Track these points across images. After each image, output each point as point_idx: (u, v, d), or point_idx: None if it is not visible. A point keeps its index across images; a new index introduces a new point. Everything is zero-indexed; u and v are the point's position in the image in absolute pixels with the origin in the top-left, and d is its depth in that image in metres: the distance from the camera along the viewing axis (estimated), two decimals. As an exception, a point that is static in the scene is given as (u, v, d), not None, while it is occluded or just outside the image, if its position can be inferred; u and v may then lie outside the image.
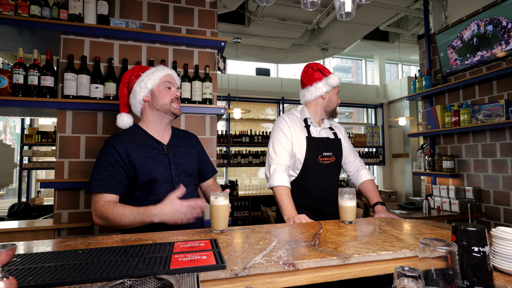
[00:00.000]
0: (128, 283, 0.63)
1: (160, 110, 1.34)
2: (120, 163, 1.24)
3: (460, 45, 3.13)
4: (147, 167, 1.26)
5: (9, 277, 0.54)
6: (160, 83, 1.35)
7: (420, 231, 1.11)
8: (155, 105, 1.34)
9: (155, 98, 1.34)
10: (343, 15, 1.39)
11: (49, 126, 5.14)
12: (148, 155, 1.29)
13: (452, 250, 0.60)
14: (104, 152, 1.25)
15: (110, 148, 1.25)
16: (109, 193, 1.21)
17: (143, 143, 1.31)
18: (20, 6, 1.85)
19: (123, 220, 1.14)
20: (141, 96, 1.33)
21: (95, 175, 1.22)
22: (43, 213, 4.27)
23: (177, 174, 1.34)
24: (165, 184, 1.29)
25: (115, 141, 1.26)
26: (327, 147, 1.64)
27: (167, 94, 1.35)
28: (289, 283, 0.78)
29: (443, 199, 3.26)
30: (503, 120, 2.70)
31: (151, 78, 1.34)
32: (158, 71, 1.36)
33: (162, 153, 1.33)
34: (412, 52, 6.59)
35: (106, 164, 1.23)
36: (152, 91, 1.34)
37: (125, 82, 1.39)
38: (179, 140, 1.44)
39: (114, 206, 1.16)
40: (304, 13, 4.70)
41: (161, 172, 1.29)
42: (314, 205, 1.61)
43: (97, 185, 1.20)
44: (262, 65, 6.73)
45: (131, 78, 1.38)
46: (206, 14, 2.32)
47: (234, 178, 5.89)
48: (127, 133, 1.32)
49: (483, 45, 2.90)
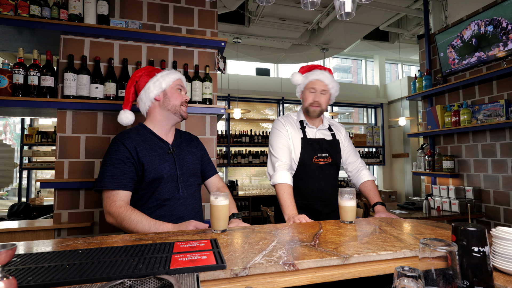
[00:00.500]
0: (128, 283, 0.63)
1: (170, 110, 1.38)
2: (130, 160, 1.26)
3: (460, 45, 3.13)
4: (155, 165, 1.29)
5: (9, 277, 0.54)
6: (173, 85, 1.40)
7: (420, 231, 1.11)
8: (166, 105, 1.38)
9: (167, 98, 1.38)
10: (343, 15, 1.39)
11: (49, 126, 5.14)
12: (155, 154, 1.32)
13: (452, 250, 0.60)
14: (114, 150, 1.27)
15: (120, 146, 1.27)
16: (122, 190, 1.23)
17: (149, 142, 1.34)
18: (20, 6, 1.85)
19: (137, 226, 1.17)
20: (154, 94, 1.36)
21: (106, 173, 1.23)
22: (43, 213, 4.28)
23: (181, 173, 1.37)
24: (170, 183, 1.32)
25: (124, 138, 1.28)
26: (323, 148, 1.64)
27: (179, 97, 1.40)
28: (289, 283, 0.78)
29: (443, 199, 3.26)
30: (503, 120, 2.70)
31: (166, 79, 1.38)
32: (172, 74, 1.41)
33: (168, 153, 1.36)
34: (412, 52, 6.59)
35: (117, 161, 1.25)
36: (165, 91, 1.38)
37: (134, 80, 1.42)
38: (182, 141, 1.48)
39: (132, 212, 1.19)
40: (304, 13, 4.70)
41: (167, 171, 1.32)
42: (308, 205, 1.62)
43: (110, 182, 1.22)
44: (262, 65, 6.73)
45: (142, 76, 1.40)
46: (206, 14, 2.32)
47: (234, 178, 5.89)
48: (134, 131, 1.35)
49: (483, 45, 2.90)
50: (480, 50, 2.93)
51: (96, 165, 1.98)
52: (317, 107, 1.62)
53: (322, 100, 1.62)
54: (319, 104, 1.62)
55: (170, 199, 1.32)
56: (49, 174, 5.20)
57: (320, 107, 1.62)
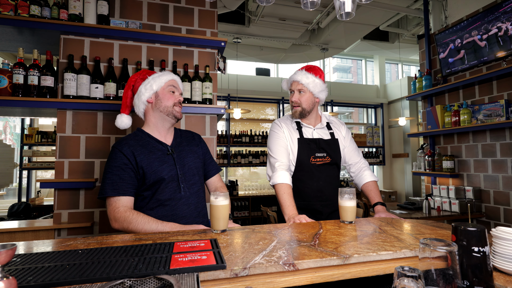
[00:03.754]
0: (128, 283, 0.63)
1: (162, 112, 1.39)
2: (128, 165, 1.28)
3: (460, 45, 3.12)
4: (154, 168, 1.30)
5: (9, 277, 0.54)
6: (165, 86, 1.40)
7: (420, 231, 1.11)
8: (158, 107, 1.38)
9: (159, 100, 1.38)
10: (343, 15, 1.39)
11: (49, 126, 5.14)
12: (154, 156, 1.33)
13: (452, 250, 0.60)
14: (112, 158, 1.29)
15: (118, 153, 1.29)
16: (123, 196, 1.25)
17: (147, 145, 1.35)
18: (20, 6, 1.85)
19: (144, 228, 1.19)
20: (145, 97, 1.38)
21: (107, 180, 1.26)
22: (43, 213, 4.28)
23: (182, 173, 1.38)
24: (171, 183, 1.34)
25: (121, 145, 1.30)
26: (320, 147, 1.63)
27: (171, 97, 1.40)
28: (289, 283, 0.78)
29: (443, 199, 3.26)
30: (503, 120, 2.70)
31: (157, 81, 1.39)
32: (164, 75, 1.41)
33: (167, 154, 1.37)
34: (412, 52, 6.59)
35: (116, 169, 1.27)
36: (157, 93, 1.39)
37: (130, 84, 1.44)
38: (182, 140, 1.48)
39: (137, 215, 1.21)
40: (304, 13, 4.70)
41: (167, 172, 1.33)
42: (309, 206, 1.61)
43: (110, 189, 1.24)
44: (262, 65, 6.73)
45: (137, 81, 1.42)
46: (206, 14, 2.32)
47: (234, 178, 5.89)
48: (131, 137, 1.36)
49: (483, 45, 2.90)
50: (481, 49, 2.93)
51: (96, 165, 1.98)
52: (297, 106, 1.64)
53: (302, 100, 1.63)
54: (297, 103, 1.63)
55: (171, 199, 1.32)
56: (49, 174, 5.20)
57: (300, 107, 1.64)
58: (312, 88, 1.62)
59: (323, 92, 1.65)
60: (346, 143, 1.75)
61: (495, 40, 2.78)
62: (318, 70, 1.65)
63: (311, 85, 1.62)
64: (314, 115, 1.69)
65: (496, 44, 2.78)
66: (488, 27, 2.83)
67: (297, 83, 1.64)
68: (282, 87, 1.75)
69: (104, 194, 1.24)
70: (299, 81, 1.63)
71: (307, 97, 1.63)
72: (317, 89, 1.63)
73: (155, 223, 1.20)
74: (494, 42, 2.79)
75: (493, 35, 2.79)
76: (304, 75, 1.62)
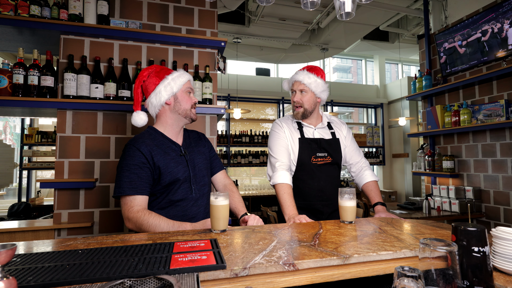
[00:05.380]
0: (128, 283, 0.63)
1: (181, 114, 1.38)
2: (146, 164, 1.27)
3: (460, 45, 3.12)
4: (170, 169, 1.30)
5: (9, 277, 0.54)
6: (184, 88, 1.39)
7: (420, 231, 1.11)
8: (177, 109, 1.38)
9: (178, 103, 1.37)
10: (343, 15, 1.39)
11: (49, 126, 5.13)
12: (169, 157, 1.33)
13: (452, 250, 0.60)
14: (130, 155, 1.27)
15: (136, 151, 1.27)
16: (140, 195, 1.24)
17: (162, 145, 1.34)
18: (20, 6, 1.85)
19: (156, 229, 1.19)
20: (165, 98, 1.35)
21: (124, 179, 1.24)
22: (43, 213, 4.27)
23: (194, 174, 1.38)
24: (184, 184, 1.34)
25: (139, 143, 1.28)
26: (321, 147, 1.64)
27: (189, 100, 1.40)
28: (289, 283, 0.78)
29: (443, 199, 3.26)
30: (503, 120, 2.70)
31: (177, 82, 1.36)
32: (182, 76, 1.39)
33: (180, 155, 1.37)
34: (412, 52, 6.59)
35: (134, 167, 1.25)
36: (176, 95, 1.37)
37: (141, 80, 1.40)
38: (191, 141, 1.48)
39: (149, 216, 1.20)
40: (304, 13, 4.70)
41: (182, 173, 1.33)
42: (310, 206, 1.62)
43: (128, 188, 1.23)
44: (262, 65, 6.73)
45: (149, 77, 1.38)
46: (206, 14, 2.32)
47: (234, 178, 5.89)
48: (146, 136, 1.34)
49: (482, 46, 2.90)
50: (481, 49, 2.93)
51: (96, 165, 1.98)
52: (299, 107, 1.64)
53: (304, 100, 1.63)
54: (299, 103, 1.63)
55: (182, 199, 1.33)
56: (49, 174, 5.20)
57: (301, 107, 1.63)
58: (314, 88, 1.62)
59: (324, 92, 1.66)
60: (347, 143, 1.75)
61: (495, 40, 2.78)
62: (319, 70, 1.66)
63: (313, 85, 1.61)
64: (315, 115, 1.70)
65: (496, 44, 2.78)
66: (488, 27, 2.83)
67: (298, 83, 1.63)
68: (283, 87, 1.74)
69: (122, 193, 1.22)
70: (301, 81, 1.62)
71: (308, 97, 1.63)
72: (318, 89, 1.63)
73: (166, 224, 1.20)
74: (494, 42, 2.79)
75: (493, 35, 2.79)
76: (306, 75, 1.62)
